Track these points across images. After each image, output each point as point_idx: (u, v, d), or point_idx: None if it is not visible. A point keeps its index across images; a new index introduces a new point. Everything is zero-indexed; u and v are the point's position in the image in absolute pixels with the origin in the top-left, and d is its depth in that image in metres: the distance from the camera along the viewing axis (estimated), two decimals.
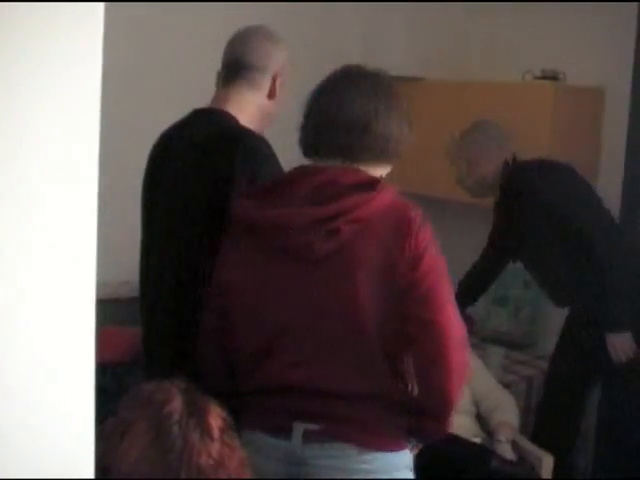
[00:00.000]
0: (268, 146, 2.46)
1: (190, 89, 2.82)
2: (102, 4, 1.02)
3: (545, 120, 4.09)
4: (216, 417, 1.48)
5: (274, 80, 2.58)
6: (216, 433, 1.45)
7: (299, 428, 2.10)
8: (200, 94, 2.58)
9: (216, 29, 2.96)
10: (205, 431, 1.44)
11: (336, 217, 2.06)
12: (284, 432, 2.11)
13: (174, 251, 2.51)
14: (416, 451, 2.23)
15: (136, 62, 3.82)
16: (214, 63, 2.65)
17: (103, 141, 1.04)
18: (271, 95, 2.59)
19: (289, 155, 2.28)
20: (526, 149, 4.14)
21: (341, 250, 2.07)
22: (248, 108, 2.57)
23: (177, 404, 1.44)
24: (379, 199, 2.12)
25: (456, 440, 3.45)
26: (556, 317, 4.42)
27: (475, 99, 4.37)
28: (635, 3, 4.07)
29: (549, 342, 4.44)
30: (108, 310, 2.22)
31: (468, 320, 4.73)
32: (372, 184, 2.15)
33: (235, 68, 2.58)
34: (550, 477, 3.48)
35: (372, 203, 2.10)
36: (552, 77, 4.19)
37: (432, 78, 4.61)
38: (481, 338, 4.62)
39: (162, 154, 2.61)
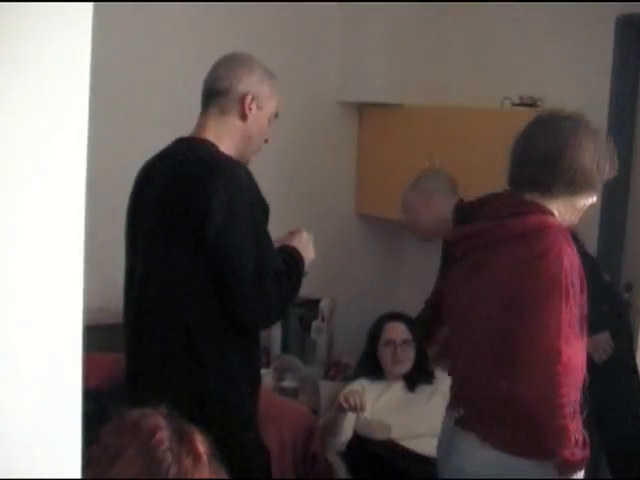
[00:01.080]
0: (246, 174, 2.49)
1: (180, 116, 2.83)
2: (91, 4, 1.03)
3: None
4: (202, 443, 1.52)
5: (242, 102, 2.60)
6: (205, 458, 1.49)
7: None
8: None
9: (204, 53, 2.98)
10: (196, 457, 1.48)
11: (487, 232, 2.47)
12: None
13: (156, 278, 2.54)
14: None
15: (125, 88, 3.82)
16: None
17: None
18: (242, 117, 2.61)
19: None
20: (505, 173, 4.17)
21: (487, 261, 2.43)
22: (225, 134, 2.60)
23: (166, 432, 1.47)
24: (523, 222, 2.42)
25: (437, 464, 3.47)
26: None
27: (454, 125, 4.40)
28: (611, 30, 4.12)
29: None
30: (87, 336, 2.21)
31: (444, 342, 4.77)
32: (529, 210, 2.44)
33: (207, 95, 2.65)
34: None
35: (515, 225, 2.41)
36: (530, 104, 4.22)
37: (411, 104, 4.64)
38: None
39: (145, 182, 2.64)
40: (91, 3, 1.03)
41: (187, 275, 2.47)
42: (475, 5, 4.66)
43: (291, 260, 2.61)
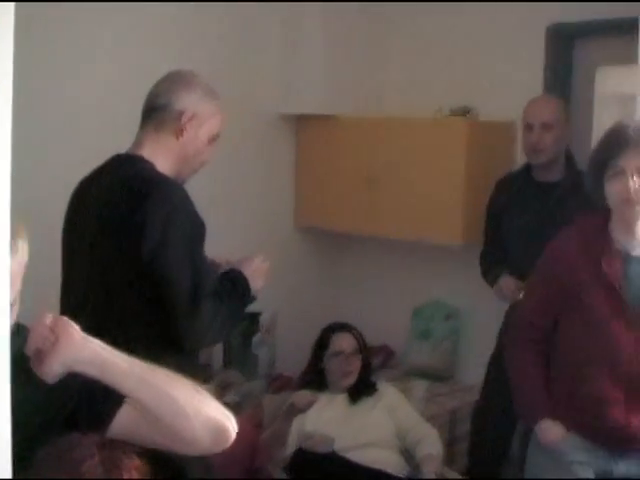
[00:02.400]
0: (180, 192, 2.46)
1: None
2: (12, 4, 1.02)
3: (460, 153, 4.16)
4: (136, 470, 1.50)
5: (179, 119, 2.57)
6: None
7: None
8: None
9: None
10: None
11: None
12: None
13: (93, 296, 2.50)
14: None
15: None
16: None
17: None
18: (178, 135, 2.58)
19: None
20: (442, 181, 4.21)
21: None
22: (160, 151, 2.57)
23: (94, 461, 1.45)
24: None
25: (381, 475, 3.46)
26: (475, 349, 4.49)
27: (391, 135, 4.43)
28: (542, 39, 4.19)
29: (470, 373, 4.50)
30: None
31: (386, 352, 4.78)
32: None
33: (146, 111, 2.62)
34: None
35: None
36: (464, 113, 4.27)
37: (348, 115, 4.66)
38: (403, 371, 4.65)
39: (80, 200, 2.62)
40: (12, 4, 1.01)
41: (124, 294, 2.44)
42: (409, 16, 4.71)
43: (234, 282, 2.59)
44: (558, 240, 2.81)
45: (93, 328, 2.48)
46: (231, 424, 1.71)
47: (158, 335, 2.45)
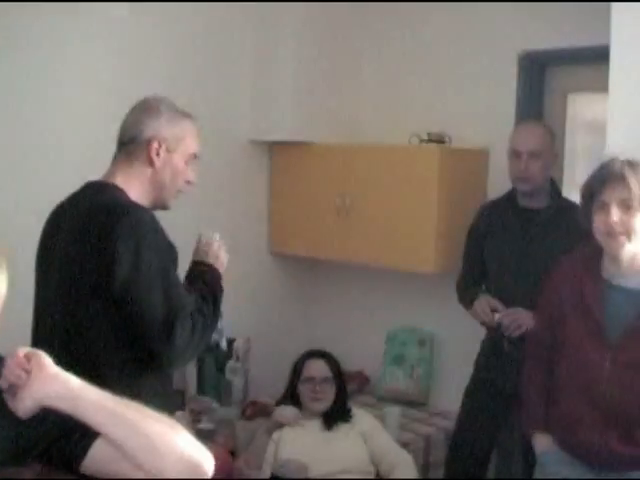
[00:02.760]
0: (151, 218, 2.46)
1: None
2: None
3: (432, 180, 4.18)
4: None
5: (149, 148, 2.57)
6: None
7: None
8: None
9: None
10: None
11: None
12: None
13: (62, 326, 2.49)
14: None
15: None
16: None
17: None
18: (150, 163, 2.58)
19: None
20: (415, 208, 4.23)
21: None
22: (134, 180, 2.58)
23: None
24: None
25: None
26: (449, 374, 4.50)
27: (364, 162, 4.45)
28: (514, 65, 4.23)
29: (444, 399, 4.51)
30: None
31: (362, 378, 4.78)
32: None
33: (119, 142, 2.63)
34: None
35: None
36: (438, 140, 4.30)
37: (321, 142, 4.67)
38: (378, 397, 4.65)
39: (52, 226, 2.62)
40: None
41: (94, 321, 2.43)
42: (382, 43, 4.75)
43: (205, 288, 2.59)
44: (557, 267, 3.02)
45: (64, 356, 2.47)
46: (207, 460, 1.66)
47: (132, 361, 2.44)
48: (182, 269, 2.60)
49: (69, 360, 2.44)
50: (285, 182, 4.84)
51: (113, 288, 2.37)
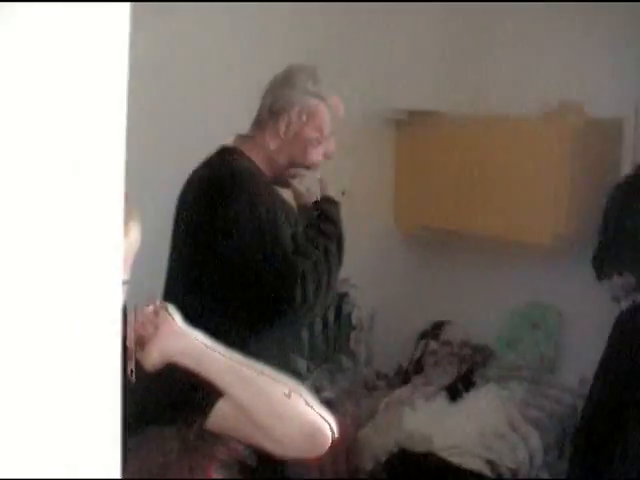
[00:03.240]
0: (268, 193, 2.45)
1: None
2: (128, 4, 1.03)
3: (563, 152, 4.07)
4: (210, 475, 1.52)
5: (279, 118, 2.55)
6: None
7: None
8: None
9: None
10: None
11: None
12: None
13: (189, 286, 2.53)
14: None
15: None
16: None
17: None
18: (281, 133, 2.55)
19: None
20: (545, 181, 4.13)
21: None
22: (259, 150, 2.57)
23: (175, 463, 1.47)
24: None
25: (478, 477, 3.43)
26: (575, 350, 4.40)
27: (492, 132, 4.36)
28: None
29: (569, 375, 4.42)
30: None
31: (486, 352, 4.73)
32: None
33: (259, 109, 2.60)
34: None
35: None
36: (569, 110, 4.18)
37: (448, 112, 4.61)
38: (502, 372, 4.58)
39: (185, 189, 2.62)
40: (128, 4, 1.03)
41: (217, 283, 2.45)
42: (517, 8, 4.61)
43: (322, 237, 2.53)
44: None
45: (192, 315, 2.52)
46: (329, 428, 1.65)
47: (259, 331, 2.45)
48: None
49: (195, 322, 2.51)
50: (411, 154, 4.80)
51: (226, 253, 2.39)
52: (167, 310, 1.63)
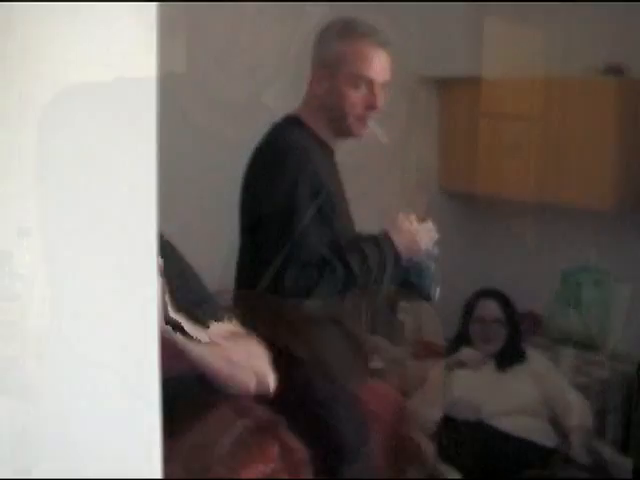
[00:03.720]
0: (304, 160, 2.42)
1: None
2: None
3: (610, 114, 4.00)
4: (269, 457, 1.55)
5: (314, 71, 2.49)
6: None
7: None
8: None
9: None
10: None
11: None
12: None
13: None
14: None
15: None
16: None
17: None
18: (314, 88, 2.49)
19: None
20: (592, 144, 4.07)
21: None
22: (310, 110, 2.52)
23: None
24: None
25: (528, 444, 3.41)
26: (627, 317, 4.35)
27: (537, 95, 4.30)
28: None
29: (622, 342, 4.36)
30: None
31: (535, 319, 4.69)
32: None
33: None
34: None
35: None
36: (615, 71, 4.10)
37: (492, 76, 4.54)
38: (551, 339, 4.54)
39: (250, 161, 2.59)
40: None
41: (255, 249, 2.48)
42: None
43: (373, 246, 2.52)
44: None
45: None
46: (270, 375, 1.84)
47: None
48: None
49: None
50: (455, 117, 4.76)
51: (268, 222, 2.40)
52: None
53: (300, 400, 2.35)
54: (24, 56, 0.94)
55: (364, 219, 2.69)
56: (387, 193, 4.38)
